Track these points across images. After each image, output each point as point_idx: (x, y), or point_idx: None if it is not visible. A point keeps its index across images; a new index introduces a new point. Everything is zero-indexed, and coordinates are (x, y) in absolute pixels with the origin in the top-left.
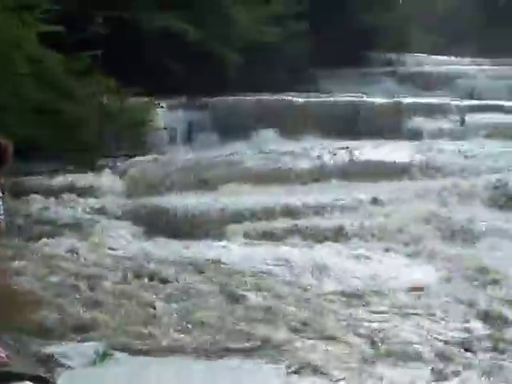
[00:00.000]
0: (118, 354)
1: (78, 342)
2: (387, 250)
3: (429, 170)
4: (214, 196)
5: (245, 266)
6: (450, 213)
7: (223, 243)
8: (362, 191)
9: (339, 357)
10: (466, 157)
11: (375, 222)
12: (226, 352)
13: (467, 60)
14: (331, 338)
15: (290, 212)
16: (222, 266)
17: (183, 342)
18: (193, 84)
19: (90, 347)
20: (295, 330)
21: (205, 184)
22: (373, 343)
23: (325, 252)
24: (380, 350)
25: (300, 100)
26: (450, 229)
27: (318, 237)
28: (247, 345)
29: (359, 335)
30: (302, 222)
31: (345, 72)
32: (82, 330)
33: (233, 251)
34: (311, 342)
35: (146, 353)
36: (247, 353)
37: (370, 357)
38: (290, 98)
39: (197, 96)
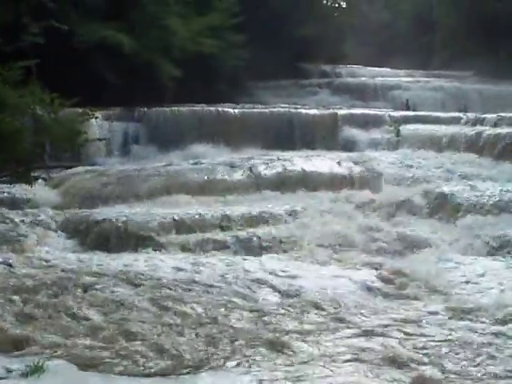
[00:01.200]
0: (51, 367)
1: (11, 355)
2: (321, 262)
3: (364, 180)
4: (149, 207)
5: (179, 278)
6: (387, 223)
7: (158, 255)
8: (297, 202)
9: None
10: (401, 167)
11: (309, 232)
12: (161, 366)
13: (402, 72)
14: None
15: (224, 223)
16: (157, 278)
17: (118, 354)
18: (130, 95)
19: (23, 361)
20: (231, 341)
21: (141, 195)
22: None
23: (257, 263)
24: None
25: (236, 111)
26: (386, 239)
27: (252, 248)
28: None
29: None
30: (236, 233)
31: (281, 83)
32: (14, 344)
33: (168, 263)
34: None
35: (81, 366)
36: (179, 366)
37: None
38: (225, 109)
39: (134, 107)
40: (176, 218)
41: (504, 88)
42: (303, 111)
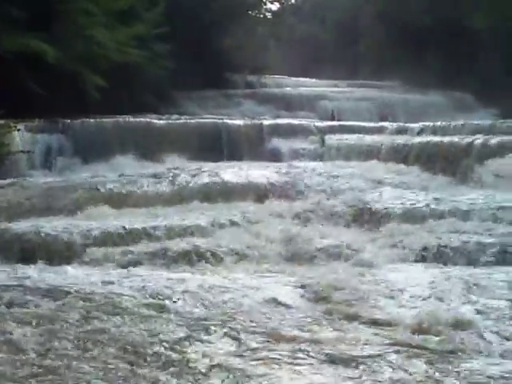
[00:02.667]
0: None
1: None
2: (250, 272)
3: (290, 190)
4: (74, 220)
5: (103, 292)
6: (312, 233)
7: (83, 269)
8: (224, 213)
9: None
10: (327, 177)
11: (238, 243)
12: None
13: (327, 82)
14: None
15: (151, 235)
16: (81, 291)
17: (44, 370)
18: (54, 106)
19: None
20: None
21: (65, 208)
22: None
23: (187, 275)
24: None
25: (161, 122)
26: (309, 248)
27: (180, 259)
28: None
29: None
30: (164, 245)
31: (207, 94)
32: None
33: (92, 276)
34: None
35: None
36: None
37: None
38: (150, 120)
39: (58, 118)
40: (100, 230)
41: (430, 98)
42: (229, 122)
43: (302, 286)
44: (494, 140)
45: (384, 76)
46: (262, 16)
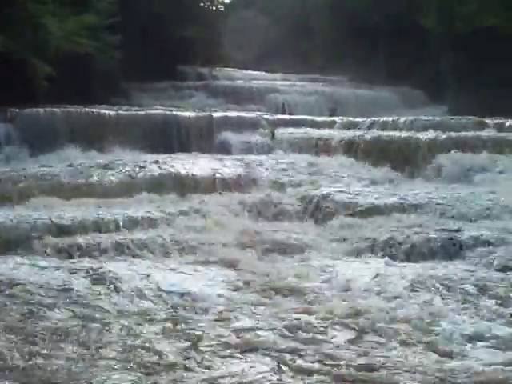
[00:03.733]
0: None
1: None
2: (198, 264)
3: (240, 182)
4: (21, 210)
5: (52, 283)
6: (262, 226)
7: (30, 259)
8: (173, 204)
9: None
10: (277, 170)
11: (187, 236)
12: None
13: (278, 75)
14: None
15: (100, 226)
16: (28, 283)
17: None
18: (2, 95)
19: None
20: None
21: (12, 198)
22: None
23: (142, 266)
24: None
25: (111, 113)
26: (258, 241)
27: (131, 251)
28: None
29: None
30: (113, 237)
31: (158, 85)
32: None
33: (40, 267)
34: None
35: None
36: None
37: None
38: (101, 111)
39: (6, 107)
40: (49, 221)
41: (379, 93)
42: (179, 114)
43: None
44: (443, 135)
45: (335, 71)
46: (214, 8)
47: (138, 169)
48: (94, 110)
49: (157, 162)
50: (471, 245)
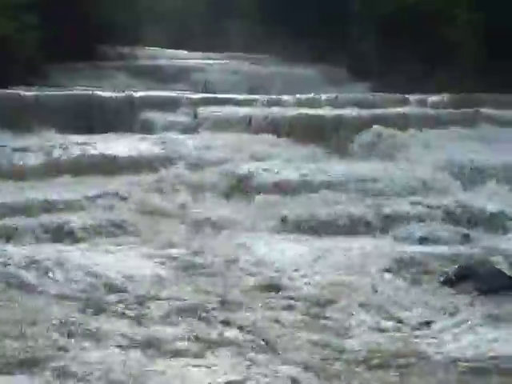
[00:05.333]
0: None
1: None
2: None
3: (164, 162)
4: None
5: None
6: (185, 205)
7: None
8: (96, 187)
9: None
10: (200, 149)
11: (113, 217)
12: None
13: (200, 54)
14: None
15: (19, 209)
16: None
17: None
18: None
19: None
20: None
21: None
22: None
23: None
24: None
25: (30, 94)
26: (183, 221)
27: (56, 235)
28: None
29: None
30: (31, 220)
31: (78, 65)
32: None
33: None
34: None
35: None
36: None
37: None
38: (19, 91)
39: None
40: None
41: (302, 71)
42: (100, 94)
43: (171, 258)
44: (366, 112)
45: (257, 49)
46: None
47: (58, 150)
48: (12, 91)
49: (78, 143)
50: (396, 220)
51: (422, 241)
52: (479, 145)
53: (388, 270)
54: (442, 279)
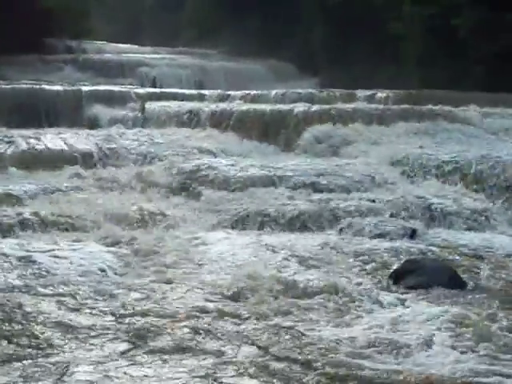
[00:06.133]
0: None
1: None
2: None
3: (112, 157)
4: None
5: None
6: (133, 200)
7: None
8: (42, 181)
9: None
10: (147, 145)
11: (58, 212)
12: None
13: (148, 48)
14: None
15: None
16: None
17: None
18: None
19: None
20: None
21: None
22: None
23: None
24: None
25: None
26: (130, 216)
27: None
28: None
29: None
30: None
31: (25, 59)
32: None
33: None
34: None
35: None
36: None
37: None
38: None
39: None
40: None
41: (250, 66)
42: (47, 87)
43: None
44: (314, 108)
45: (206, 43)
46: None
47: (4, 144)
48: None
49: (24, 137)
50: (343, 215)
51: (369, 236)
52: (426, 140)
53: (334, 265)
54: (388, 274)
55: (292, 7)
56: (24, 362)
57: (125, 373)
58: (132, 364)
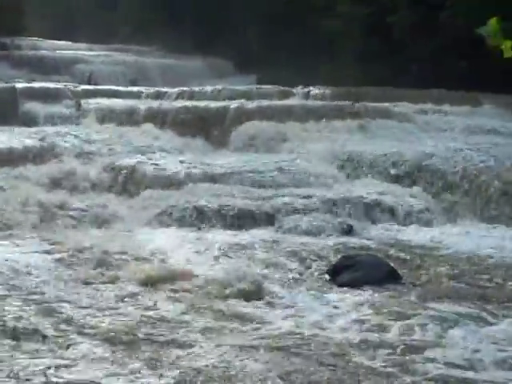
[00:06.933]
0: None
1: None
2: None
3: (46, 155)
4: None
5: None
6: (67, 198)
7: None
8: None
9: None
10: (83, 142)
11: None
12: None
13: (84, 45)
14: None
15: None
16: None
17: None
18: None
19: None
20: None
21: None
22: None
23: None
24: None
25: None
26: (68, 215)
27: None
28: None
29: None
30: None
31: None
32: None
33: None
34: None
35: None
36: None
37: None
38: None
39: None
40: None
41: (187, 63)
42: None
43: (52, 252)
44: (250, 104)
45: (141, 40)
46: None
47: None
48: None
49: None
50: (280, 212)
51: (307, 232)
52: (361, 136)
53: (271, 262)
54: (324, 270)
55: (227, 5)
56: None
57: None
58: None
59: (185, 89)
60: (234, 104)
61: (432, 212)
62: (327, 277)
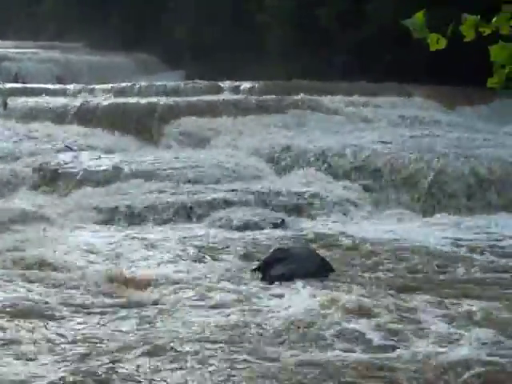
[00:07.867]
0: None
1: None
2: None
3: None
4: None
5: None
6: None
7: None
8: None
9: None
10: (10, 140)
11: None
12: None
13: (10, 43)
14: None
15: None
16: None
17: None
18: None
19: None
20: None
21: None
22: None
23: None
24: None
25: None
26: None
27: None
28: None
29: None
30: None
31: None
32: None
33: None
34: None
35: None
36: None
37: None
38: None
39: None
40: None
41: (113, 59)
42: None
43: None
44: (179, 100)
45: (69, 37)
46: None
47: None
48: None
49: None
50: (211, 207)
51: (238, 227)
52: (291, 130)
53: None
54: (256, 264)
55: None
56: None
57: None
58: None
59: (112, 85)
60: (162, 100)
61: (363, 204)
62: (258, 271)
